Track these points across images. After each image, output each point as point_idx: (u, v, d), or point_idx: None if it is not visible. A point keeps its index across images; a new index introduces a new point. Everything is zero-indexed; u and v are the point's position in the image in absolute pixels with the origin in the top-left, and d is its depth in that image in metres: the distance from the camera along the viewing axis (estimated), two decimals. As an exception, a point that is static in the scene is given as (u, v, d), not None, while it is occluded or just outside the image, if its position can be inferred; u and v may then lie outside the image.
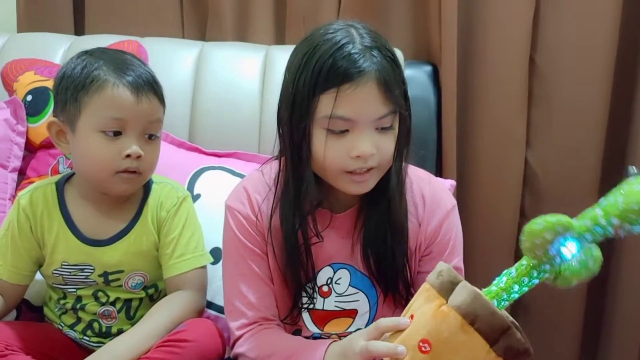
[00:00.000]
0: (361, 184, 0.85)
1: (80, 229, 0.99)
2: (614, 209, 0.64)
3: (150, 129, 0.97)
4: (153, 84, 0.98)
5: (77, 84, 0.93)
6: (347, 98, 0.80)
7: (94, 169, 0.96)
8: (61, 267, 0.99)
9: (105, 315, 1.01)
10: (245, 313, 0.89)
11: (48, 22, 1.63)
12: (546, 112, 1.53)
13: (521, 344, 0.67)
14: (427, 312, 0.68)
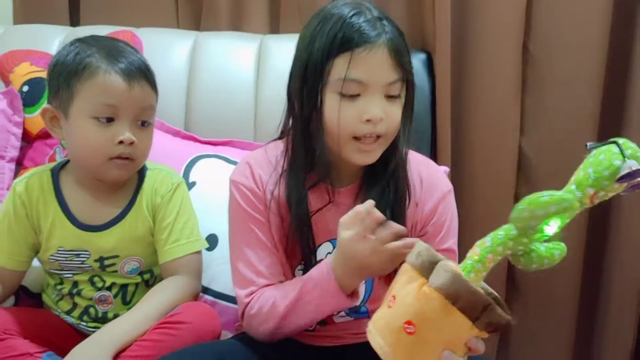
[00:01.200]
0: (368, 153, 0.88)
1: (76, 215, 1.01)
2: (586, 181, 0.67)
3: (143, 115, 0.98)
4: (145, 71, 0.99)
5: (70, 70, 0.95)
6: (361, 61, 0.83)
7: (87, 155, 0.97)
8: (57, 252, 1.01)
9: (101, 300, 1.03)
10: (254, 281, 0.90)
11: (44, 13, 1.63)
12: (540, 99, 1.54)
13: (502, 317, 0.68)
14: (410, 294, 0.69)
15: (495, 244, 0.69)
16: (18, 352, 0.90)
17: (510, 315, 0.69)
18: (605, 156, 0.66)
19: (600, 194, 0.67)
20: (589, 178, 0.66)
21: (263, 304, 0.88)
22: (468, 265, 0.70)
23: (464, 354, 0.70)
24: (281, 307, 0.86)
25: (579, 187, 0.67)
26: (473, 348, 0.69)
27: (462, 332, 0.68)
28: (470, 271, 0.69)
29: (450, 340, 0.68)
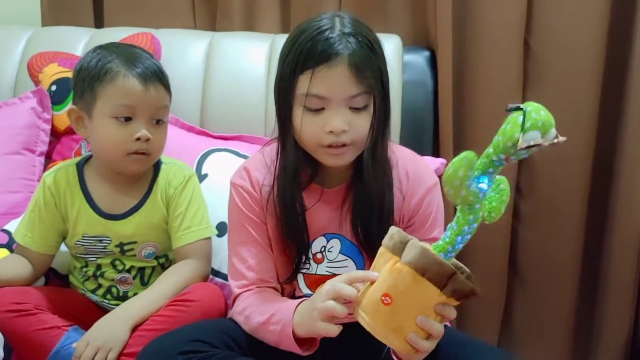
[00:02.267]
0: (337, 156, 0.93)
1: (98, 205, 1.11)
2: (497, 147, 0.73)
3: (158, 114, 1.08)
4: (159, 74, 1.08)
5: (93, 75, 1.04)
6: (320, 78, 0.88)
7: (108, 150, 1.06)
8: (82, 238, 1.11)
9: (122, 281, 1.13)
10: (245, 275, 0.99)
11: (70, 16, 1.72)
12: (541, 93, 1.57)
13: (466, 284, 0.76)
14: (385, 271, 0.78)
15: (459, 225, 0.77)
16: (48, 325, 1.00)
17: (476, 285, 0.77)
18: (511, 126, 0.72)
19: (512, 158, 0.73)
20: (499, 145, 0.73)
21: (245, 307, 0.95)
22: (439, 246, 0.78)
23: (437, 319, 0.78)
24: (253, 321, 0.93)
25: (494, 150, 0.74)
26: (442, 314, 0.77)
27: (432, 299, 0.77)
28: (440, 251, 0.77)
29: (422, 307, 0.77)
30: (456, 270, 0.76)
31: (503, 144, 0.72)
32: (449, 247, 0.77)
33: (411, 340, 0.77)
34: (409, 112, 1.52)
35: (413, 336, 0.77)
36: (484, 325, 1.67)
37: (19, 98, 1.48)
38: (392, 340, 0.78)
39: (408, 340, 0.77)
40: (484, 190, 0.74)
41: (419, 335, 0.78)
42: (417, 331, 0.78)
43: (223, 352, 0.87)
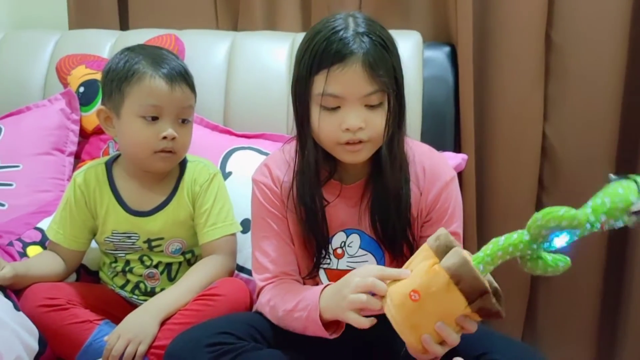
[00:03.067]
0: (354, 153, 0.94)
1: (127, 202, 1.14)
2: (602, 208, 0.74)
3: (183, 114, 1.10)
4: (185, 75, 1.11)
5: (121, 76, 1.07)
6: (336, 77, 0.90)
7: (135, 149, 1.10)
8: (111, 235, 1.14)
9: (149, 276, 1.16)
10: (268, 268, 1.01)
11: (96, 19, 1.76)
12: (563, 86, 1.57)
13: (494, 306, 0.77)
14: (422, 268, 0.80)
15: (507, 243, 0.78)
16: (80, 319, 1.03)
17: (502, 309, 0.78)
18: (624, 190, 0.73)
19: (610, 221, 0.74)
20: (605, 206, 0.74)
21: (270, 298, 0.97)
22: (479, 257, 0.79)
23: (455, 329, 0.80)
24: (279, 311, 0.95)
25: (593, 211, 0.75)
26: (463, 325, 0.79)
27: (457, 309, 0.78)
28: (479, 262, 0.78)
29: (445, 314, 0.79)
30: (489, 290, 0.77)
31: (612, 205, 0.73)
32: (488, 260, 0.78)
33: (425, 341, 0.79)
34: (430, 107, 1.52)
35: (427, 338, 0.79)
36: (507, 322, 1.66)
37: (49, 100, 1.52)
38: (406, 334, 0.80)
39: (422, 340, 0.79)
40: (553, 246, 0.76)
41: (433, 339, 0.79)
42: (432, 334, 0.79)
43: (249, 344, 0.89)
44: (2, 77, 1.64)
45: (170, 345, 0.91)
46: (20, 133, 1.45)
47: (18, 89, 1.62)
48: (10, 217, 1.30)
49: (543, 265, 0.79)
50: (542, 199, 1.64)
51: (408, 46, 1.54)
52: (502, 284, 1.70)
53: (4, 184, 1.37)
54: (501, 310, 0.78)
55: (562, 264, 0.79)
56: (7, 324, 0.94)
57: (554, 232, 0.75)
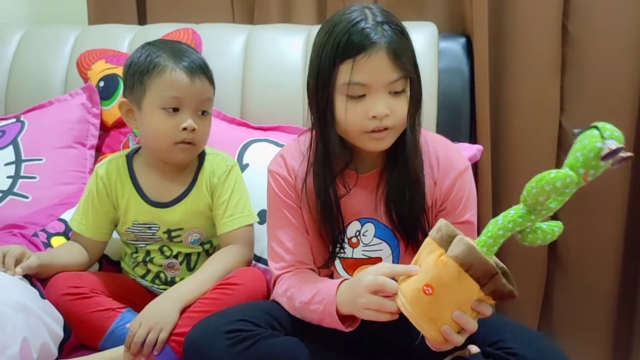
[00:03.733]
0: (379, 140, 0.96)
1: (147, 194, 1.16)
2: (577, 163, 0.75)
3: (203, 106, 1.13)
4: (204, 68, 1.13)
5: (143, 69, 1.10)
6: (361, 66, 0.92)
7: (156, 140, 1.12)
8: (132, 225, 1.17)
9: (169, 266, 1.18)
10: (284, 257, 1.03)
11: (115, 14, 1.79)
12: (579, 77, 1.56)
13: (506, 287, 0.78)
14: (430, 262, 0.81)
15: (506, 221, 0.79)
16: (103, 307, 1.06)
17: (514, 288, 0.79)
18: (589, 140, 0.75)
19: (590, 172, 0.75)
20: (578, 161, 0.75)
21: (287, 288, 0.99)
22: (482, 240, 0.80)
23: (472, 316, 0.81)
24: (296, 302, 0.96)
25: (572, 169, 0.76)
26: (478, 310, 0.80)
27: (471, 296, 0.79)
28: (483, 245, 0.80)
29: (460, 302, 0.80)
30: (499, 271, 0.78)
31: (584, 157, 0.75)
32: (490, 241, 0.80)
33: (445, 332, 0.80)
34: (445, 99, 1.53)
35: (447, 329, 0.80)
36: (524, 311, 1.67)
37: (70, 94, 1.55)
38: (426, 328, 0.81)
39: (442, 331, 0.80)
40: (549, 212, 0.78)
41: (453, 329, 0.81)
42: (451, 324, 0.80)
43: (267, 331, 0.92)
44: (24, 72, 1.67)
45: (190, 333, 0.93)
46: (42, 127, 1.48)
47: (40, 83, 1.65)
48: (34, 209, 1.33)
49: (542, 235, 0.80)
50: (559, 190, 1.64)
51: (423, 37, 1.54)
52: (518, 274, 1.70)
53: (28, 177, 1.40)
54: (513, 290, 0.79)
55: (557, 229, 0.81)
56: (34, 311, 0.97)
57: (549, 196, 0.76)
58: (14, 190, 1.38)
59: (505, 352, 0.88)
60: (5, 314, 0.92)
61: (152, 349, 0.98)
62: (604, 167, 0.75)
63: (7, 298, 0.95)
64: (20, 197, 1.37)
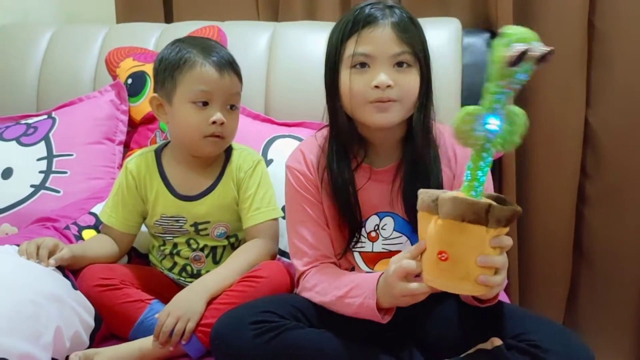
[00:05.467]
0: (384, 112, 0.97)
1: (175, 187, 1.19)
2: (493, 77, 0.74)
3: (231, 100, 1.15)
4: (233, 63, 1.16)
5: (173, 64, 1.13)
6: (366, 38, 0.96)
7: (186, 133, 1.14)
8: (161, 218, 1.19)
9: (196, 259, 1.21)
10: (307, 252, 1.04)
11: (142, 12, 1.82)
12: (606, 73, 1.56)
13: (506, 210, 0.78)
14: (431, 231, 0.81)
15: (475, 160, 0.79)
16: (132, 299, 1.09)
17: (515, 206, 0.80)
18: (496, 50, 0.73)
19: (509, 80, 0.74)
20: (493, 73, 0.74)
21: (316, 283, 1.00)
22: (465, 187, 0.81)
23: (496, 253, 0.80)
24: (328, 295, 0.97)
25: (492, 82, 0.75)
26: (499, 246, 0.80)
27: (483, 238, 0.79)
28: (469, 190, 0.80)
29: (478, 249, 0.80)
30: (491, 202, 0.78)
31: (496, 70, 0.74)
32: (475, 184, 0.80)
33: (482, 281, 0.80)
34: (470, 94, 1.52)
35: (483, 277, 0.80)
36: (549, 307, 1.67)
37: (99, 91, 1.59)
38: (464, 288, 0.82)
39: (479, 282, 0.80)
40: (494, 132, 0.76)
41: (488, 274, 0.80)
42: (482, 271, 0.80)
43: (291, 322, 0.93)
44: (55, 70, 1.71)
45: (216, 323, 0.95)
46: (73, 123, 1.52)
47: (70, 81, 1.69)
48: (66, 203, 1.37)
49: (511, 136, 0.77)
50: (585, 187, 1.63)
51: (447, 33, 1.54)
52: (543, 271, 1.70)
53: (59, 172, 1.44)
54: (514, 208, 0.80)
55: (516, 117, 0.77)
56: (66, 302, 1.00)
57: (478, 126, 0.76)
58: (46, 184, 1.42)
59: (528, 345, 0.88)
60: (39, 304, 0.94)
61: (179, 339, 1.00)
62: (524, 70, 0.73)
63: (41, 288, 0.98)
64: (52, 192, 1.41)
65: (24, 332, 0.90)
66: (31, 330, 0.91)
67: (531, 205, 1.64)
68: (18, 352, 0.87)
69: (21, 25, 1.85)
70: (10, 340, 0.87)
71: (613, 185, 1.61)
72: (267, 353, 0.89)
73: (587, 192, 1.64)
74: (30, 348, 0.90)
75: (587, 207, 1.64)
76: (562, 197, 1.62)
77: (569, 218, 1.63)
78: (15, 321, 0.90)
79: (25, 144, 1.48)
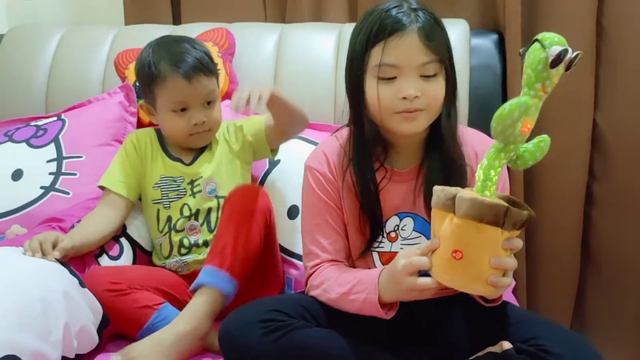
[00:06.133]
0: (411, 122, 0.97)
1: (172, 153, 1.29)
2: (530, 79, 0.80)
3: (208, 98, 1.25)
4: (201, 66, 1.23)
5: (148, 79, 1.23)
6: (393, 48, 0.94)
7: (174, 135, 1.27)
8: (160, 180, 1.27)
9: (191, 229, 1.25)
10: (319, 255, 1.04)
11: (150, 14, 1.83)
12: (614, 74, 1.55)
13: (522, 215, 0.80)
14: (446, 229, 0.82)
15: (491, 160, 0.82)
16: (140, 305, 1.10)
17: (530, 210, 0.82)
18: (534, 54, 0.78)
19: (547, 83, 0.79)
20: (531, 77, 0.79)
21: (322, 281, 1.00)
22: (479, 186, 0.82)
23: (507, 255, 0.82)
24: (333, 292, 0.98)
25: (528, 87, 0.80)
26: (511, 248, 0.81)
27: (497, 240, 0.81)
28: (483, 190, 0.82)
29: (491, 250, 0.81)
30: (508, 206, 0.79)
31: (534, 72, 0.78)
32: (488, 183, 0.82)
33: (492, 282, 0.81)
34: (477, 96, 1.53)
35: (494, 278, 0.81)
36: (556, 310, 1.66)
37: (108, 93, 1.59)
38: (474, 288, 0.83)
39: (490, 283, 0.81)
40: (524, 135, 0.80)
41: (497, 275, 0.82)
42: (494, 272, 0.81)
43: (299, 322, 0.93)
44: (64, 71, 1.73)
45: (224, 322, 0.95)
46: (82, 125, 1.52)
47: (79, 82, 1.70)
48: (75, 204, 1.37)
49: (530, 155, 0.83)
50: (593, 189, 1.63)
51: (454, 35, 1.54)
52: (550, 273, 1.69)
53: (69, 174, 1.45)
54: (529, 212, 0.81)
55: (544, 144, 0.84)
56: (74, 299, 1.01)
57: (514, 126, 0.79)
58: (55, 186, 1.43)
59: (537, 349, 0.88)
60: (48, 302, 0.96)
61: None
62: (557, 74, 0.79)
63: (49, 286, 0.99)
64: (61, 193, 1.42)
65: (35, 329, 0.91)
66: (41, 328, 0.92)
67: (539, 208, 1.63)
68: (29, 350, 0.89)
69: (30, 27, 1.87)
70: (21, 337, 0.88)
71: (621, 187, 1.60)
72: (275, 351, 0.90)
73: (595, 194, 1.63)
74: (41, 345, 0.91)
75: (595, 209, 1.64)
76: (570, 199, 1.61)
77: (576, 220, 1.62)
78: (25, 319, 0.91)
79: (35, 145, 1.49)
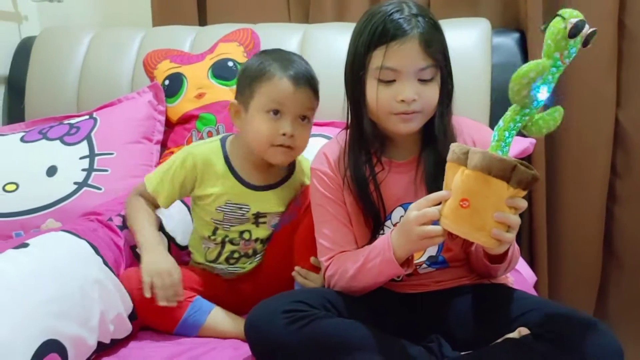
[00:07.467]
0: (407, 122, 1.01)
1: (241, 176, 1.23)
2: (550, 49, 0.83)
3: (304, 113, 1.20)
4: (310, 79, 1.21)
5: (254, 75, 1.19)
6: (394, 52, 0.98)
7: (257, 140, 1.19)
8: (225, 205, 1.22)
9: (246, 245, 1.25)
10: (330, 247, 1.07)
11: (177, 15, 1.88)
12: (636, 72, 1.55)
13: (528, 173, 0.84)
14: (457, 180, 0.87)
15: (507, 122, 0.86)
16: None
17: (535, 171, 0.85)
18: (554, 26, 0.82)
19: (564, 53, 0.83)
20: (551, 46, 0.82)
21: (338, 267, 1.04)
22: (493, 146, 0.87)
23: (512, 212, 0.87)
24: (351, 270, 1.01)
25: (547, 56, 0.83)
26: (514, 206, 0.86)
27: (502, 194, 0.85)
28: (495, 150, 0.86)
29: (496, 203, 0.86)
30: (517, 162, 0.84)
31: (554, 42, 0.82)
32: (501, 144, 0.86)
33: (495, 234, 0.86)
34: (499, 94, 1.53)
35: (496, 231, 0.86)
36: (578, 305, 1.67)
37: (137, 93, 1.64)
38: (478, 237, 0.88)
39: (493, 235, 0.86)
40: (539, 101, 0.83)
41: (501, 229, 0.86)
42: (497, 226, 0.86)
43: (321, 312, 0.97)
44: (95, 72, 1.79)
45: (250, 313, 0.99)
46: (113, 123, 1.58)
47: (109, 82, 1.76)
48: (107, 199, 1.42)
49: (544, 123, 0.87)
50: (615, 186, 1.63)
51: (476, 34, 1.56)
52: (573, 269, 1.70)
53: (100, 170, 1.50)
54: (535, 173, 0.85)
55: (558, 113, 0.87)
56: (108, 287, 1.06)
57: (532, 89, 0.82)
58: (88, 182, 1.48)
59: (556, 334, 0.89)
60: (86, 290, 1.01)
61: None
62: (575, 45, 0.82)
63: (86, 273, 1.04)
64: (94, 189, 1.47)
65: (74, 316, 0.96)
66: (80, 315, 0.97)
67: (561, 204, 1.64)
68: (69, 335, 0.93)
69: (62, 29, 1.92)
70: (62, 323, 0.93)
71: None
72: (298, 340, 0.93)
73: (617, 191, 1.63)
74: (81, 330, 0.96)
75: (617, 205, 1.64)
76: (593, 196, 1.62)
77: (599, 217, 1.63)
78: (66, 307, 0.96)
79: (69, 143, 1.55)
